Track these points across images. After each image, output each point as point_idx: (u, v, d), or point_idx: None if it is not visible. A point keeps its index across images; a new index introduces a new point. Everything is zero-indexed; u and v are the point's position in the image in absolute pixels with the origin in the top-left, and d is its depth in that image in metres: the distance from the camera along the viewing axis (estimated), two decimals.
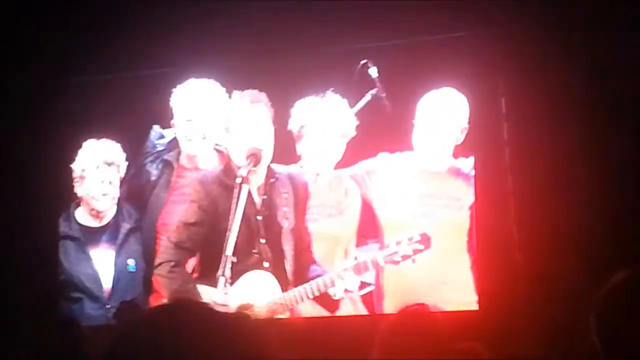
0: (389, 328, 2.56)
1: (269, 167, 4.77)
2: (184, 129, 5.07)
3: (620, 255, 4.04)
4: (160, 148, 5.18)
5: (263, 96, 4.73)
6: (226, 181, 4.73)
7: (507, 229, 4.57)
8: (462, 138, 4.76)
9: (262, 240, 4.74)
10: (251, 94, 4.74)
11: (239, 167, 4.67)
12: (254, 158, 4.64)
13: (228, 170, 4.78)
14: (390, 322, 2.60)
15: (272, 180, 4.78)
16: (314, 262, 4.78)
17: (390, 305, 4.77)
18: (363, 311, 4.82)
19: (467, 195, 4.77)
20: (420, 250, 4.60)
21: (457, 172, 4.81)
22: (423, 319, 2.64)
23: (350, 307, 4.81)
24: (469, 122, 4.73)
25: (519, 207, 4.57)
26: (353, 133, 4.82)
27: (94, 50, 5.07)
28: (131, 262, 5.17)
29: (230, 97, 4.86)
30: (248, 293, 4.70)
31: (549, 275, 4.38)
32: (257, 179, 4.74)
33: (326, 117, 4.81)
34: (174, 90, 5.02)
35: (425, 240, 4.61)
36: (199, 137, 5.04)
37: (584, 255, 4.33)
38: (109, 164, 5.16)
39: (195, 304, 1.48)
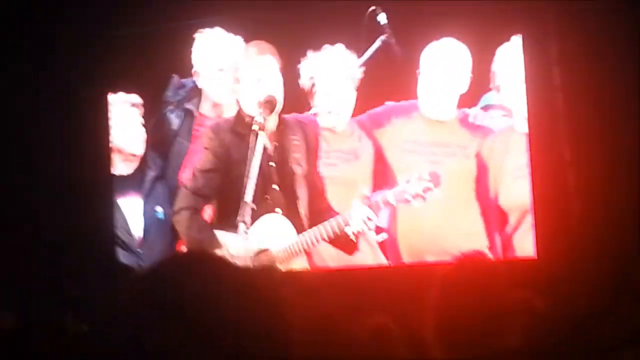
0: (450, 275, 2.51)
1: (279, 115, 4.86)
2: (210, 78, 5.13)
3: None
4: (180, 97, 5.23)
5: (271, 47, 4.82)
6: (238, 129, 4.83)
7: (564, 176, 4.52)
8: (466, 87, 4.82)
9: (275, 187, 4.83)
10: (258, 44, 4.84)
11: (249, 116, 4.77)
12: (270, 105, 4.72)
13: (239, 119, 4.88)
14: (450, 270, 2.55)
15: (283, 127, 4.86)
16: (329, 207, 4.85)
17: (405, 253, 4.89)
18: (381, 256, 4.92)
19: (472, 143, 4.84)
20: (430, 189, 4.58)
21: (462, 121, 4.87)
22: (483, 266, 2.62)
23: (369, 251, 4.91)
24: (472, 72, 4.78)
25: (575, 153, 4.51)
26: (360, 77, 4.87)
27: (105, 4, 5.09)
28: (159, 210, 5.23)
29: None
30: (265, 236, 4.79)
31: (607, 225, 4.34)
32: (269, 126, 4.81)
33: (335, 69, 4.88)
34: (196, 38, 5.06)
35: (435, 178, 4.60)
36: (225, 86, 5.07)
37: None
38: (134, 105, 5.23)
39: (212, 256, 1.47)
